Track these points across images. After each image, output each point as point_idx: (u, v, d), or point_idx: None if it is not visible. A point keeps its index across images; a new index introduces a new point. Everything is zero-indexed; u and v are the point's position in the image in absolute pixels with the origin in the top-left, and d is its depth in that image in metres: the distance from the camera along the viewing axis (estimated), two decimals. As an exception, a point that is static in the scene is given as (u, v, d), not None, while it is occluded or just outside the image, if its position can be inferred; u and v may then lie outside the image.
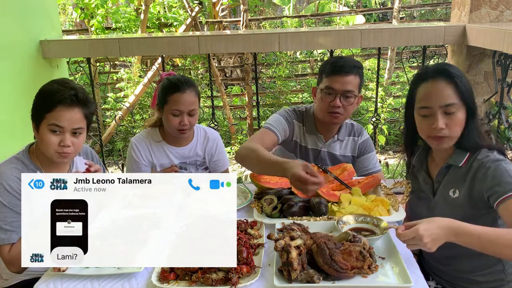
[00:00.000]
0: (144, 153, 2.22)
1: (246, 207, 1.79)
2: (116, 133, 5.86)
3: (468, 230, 1.32)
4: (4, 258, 1.61)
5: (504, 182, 1.43)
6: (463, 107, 1.53)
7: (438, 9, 11.39)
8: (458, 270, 1.65)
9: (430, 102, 1.54)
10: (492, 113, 2.93)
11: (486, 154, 1.52)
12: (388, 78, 7.30)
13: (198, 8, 6.02)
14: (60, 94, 1.62)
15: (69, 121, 1.64)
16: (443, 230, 1.31)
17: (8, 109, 2.57)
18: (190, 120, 2.12)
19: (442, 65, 1.63)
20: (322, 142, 2.18)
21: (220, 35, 3.02)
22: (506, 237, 1.32)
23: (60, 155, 1.66)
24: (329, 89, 2.02)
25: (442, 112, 1.52)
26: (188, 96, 2.09)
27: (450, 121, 1.52)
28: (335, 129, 2.19)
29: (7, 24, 2.62)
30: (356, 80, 2.03)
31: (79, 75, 6.03)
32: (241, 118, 6.64)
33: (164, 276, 1.28)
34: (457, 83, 1.51)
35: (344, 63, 2.02)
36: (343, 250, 1.30)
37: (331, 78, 2.02)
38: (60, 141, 1.64)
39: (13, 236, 1.61)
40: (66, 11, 9.32)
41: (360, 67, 2.07)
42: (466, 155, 1.57)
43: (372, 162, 2.23)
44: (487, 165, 1.49)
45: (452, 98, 1.51)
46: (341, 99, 2.01)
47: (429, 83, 1.55)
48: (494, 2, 2.85)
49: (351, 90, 2.01)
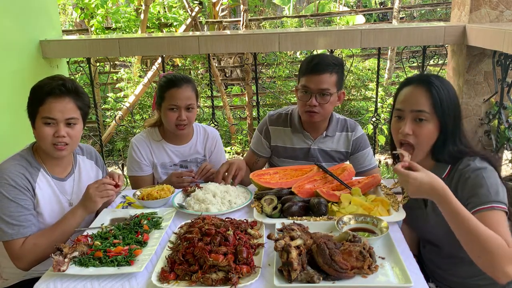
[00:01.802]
0: (144, 153, 2.22)
1: (246, 207, 1.79)
2: (116, 133, 5.86)
3: (452, 203, 1.34)
4: (14, 253, 1.62)
5: (481, 193, 1.42)
6: (435, 118, 1.52)
7: (438, 9, 11.40)
8: (458, 275, 1.65)
9: (403, 105, 1.56)
10: (492, 113, 2.93)
11: (467, 163, 1.51)
12: (388, 78, 7.30)
13: (198, 8, 6.01)
14: (47, 86, 1.67)
15: (61, 112, 1.67)
16: (431, 190, 1.36)
17: (8, 109, 2.57)
18: (188, 115, 2.12)
19: (427, 75, 1.66)
20: (311, 139, 2.20)
21: (220, 35, 3.02)
22: (483, 231, 1.30)
23: (55, 147, 1.68)
24: (305, 88, 2.06)
25: (412, 118, 1.53)
26: (185, 91, 2.11)
27: (419, 129, 1.53)
28: (322, 126, 2.20)
29: (7, 24, 2.62)
30: (331, 78, 2.04)
31: (79, 75, 6.04)
32: (241, 118, 6.64)
33: (164, 276, 1.28)
34: (433, 93, 1.52)
35: (318, 62, 2.04)
36: (343, 250, 1.29)
37: (306, 77, 2.05)
38: (54, 132, 1.67)
39: (22, 231, 1.61)
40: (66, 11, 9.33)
41: (338, 64, 2.07)
42: (447, 168, 1.57)
43: (367, 158, 2.23)
44: (466, 175, 1.49)
45: (424, 106, 1.52)
46: (317, 97, 2.04)
47: (409, 88, 1.58)
48: (494, 2, 2.85)
49: (325, 88, 2.03)
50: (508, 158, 3.24)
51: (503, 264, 1.28)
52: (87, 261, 1.38)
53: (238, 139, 6.17)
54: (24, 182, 1.66)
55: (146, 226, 1.61)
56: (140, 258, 1.40)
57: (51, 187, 1.76)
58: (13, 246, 1.61)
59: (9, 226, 1.60)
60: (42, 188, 1.73)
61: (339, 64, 2.08)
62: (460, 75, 3.00)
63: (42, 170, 1.74)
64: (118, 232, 1.55)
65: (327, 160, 2.21)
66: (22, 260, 1.62)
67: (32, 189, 1.69)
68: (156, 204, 1.83)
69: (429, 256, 1.75)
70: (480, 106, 2.98)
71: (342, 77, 2.12)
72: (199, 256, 1.30)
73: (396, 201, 1.71)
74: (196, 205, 1.77)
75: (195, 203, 1.79)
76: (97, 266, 1.37)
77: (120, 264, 1.37)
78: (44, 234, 1.65)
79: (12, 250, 1.62)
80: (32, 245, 1.61)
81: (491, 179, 1.45)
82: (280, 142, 2.24)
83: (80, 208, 1.70)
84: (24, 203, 1.64)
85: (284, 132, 2.24)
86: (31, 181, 1.69)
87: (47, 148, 1.70)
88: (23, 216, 1.63)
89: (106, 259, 1.39)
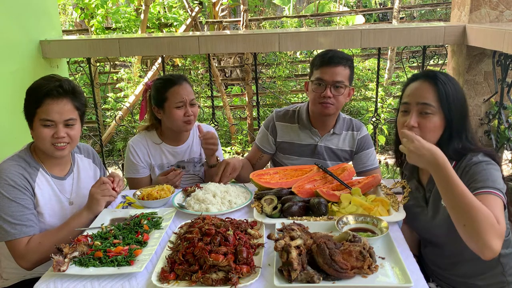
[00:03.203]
0: (142, 155, 2.22)
1: (246, 207, 1.79)
2: (116, 133, 5.86)
3: (448, 171, 1.36)
4: (18, 252, 1.62)
5: (479, 179, 1.43)
6: (441, 113, 1.54)
7: (438, 9, 11.39)
8: (458, 275, 1.65)
9: (409, 99, 1.58)
10: (492, 113, 2.93)
11: (469, 158, 1.53)
12: (388, 78, 7.29)
13: (198, 8, 6.02)
14: (45, 87, 1.65)
15: (59, 114, 1.66)
16: (431, 156, 1.39)
17: (8, 109, 2.57)
18: (193, 110, 2.16)
19: (433, 70, 1.66)
20: (318, 136, 2.22)
21: (220, 35, 3.02)
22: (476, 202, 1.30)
23: (55, 147, 1.69)
24: (320, 80, 2.08)
25: (417, 111, 1.55)
26: (186, 87, 2.15)
27: (424, 122, 1.54)
28: (330, 123, 2.22)
29: (7, 24, 2.62)
30: (345, 71, 2.08)
31: (79, 75, 6.04)
32: (241, 118, 6.64)
33: (164, 276, 1.28)
34: (439, 87, 1.53)
35: (333, 55, 2.09)
36: (343, 250, 1.29)
37: (321, 69, 2.08)
38: (53, 133, 1.67)
39: (24, 230, 1.62)
40: (66, 11, 9.32)
41: (349, 59, 2.12)
42: (452, 164, 1.55)
43: (370, 158, 2.25)
44: (466, 169, 1.50)
45: (429, 99, 1.53)
46: (331, 89, 2.07)
47: (415, 83, 1.60)
48: (494, 2, 2.85)
49: (340, 80, 2.06)
50: (508, 158, 3.24)
51: (489, 237, 1.26)
52: (87, 261, 1.38)
53: (238, 139, 6.17)
54: (23, 182, 1.66)
55: (146, 226, 1.61)
56: (140, 258, 1.40)
57: (51, 186, 1.77)
58: (17, 246, 1.61)
59: (11, 226, 1.60)
60: (42, 188, 1.73)
61: (350, 59, 2.13)
62: (460, 75, 3.00)
63: (41, 170, 1.74)
64: (118, 232, 1.55)
65: (332, 158, 2.23)
66: (26, 259, 1.62)
67: (31, 189, 1.69)
68: (156, 204, 1.83)
69: (430, 256, 1.75)
70: (480, 106, 2.98)
71: (353, 73, 2.17)
72: (199, 256, 1.30)
73: (396, 201, 1.71)
74: (196, 205, 1.77)
75: (195, 203, 1.79)
76: (97, 266, 1.37)
77: (120, 264, 1.37)
78: (49, 234, 1.65)
79: (16, 249, 1.62)
80: (37, 244, 1.61)
81: (492, 170, 1.46)
82: (287, 138, 2.26)
83: (85, 209, 1.72)
84: (25, 202, 1.65)
85: (291, 129, 2.26)
86: (30, 181, 1.69)
87: (47, 148, 1.70)
88: (24, 215, 1.63)
89: (106, 259, 1.39)
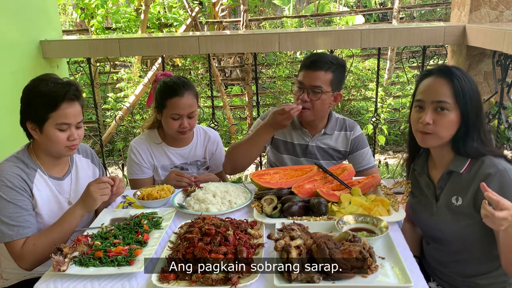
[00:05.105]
0: (145, 155, 2.21)
1: (246, 207, 1.79)
2: (116, 133, 5.86)
3: None
4: (15, 254, 1.62)
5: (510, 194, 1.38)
6: (457, 109, 1.52)
7: (438, 9, 11.39)
8: (461, 273, 1.65)
9: (424, 96, 1.55)
10: (492, 113, 2.93)
11: (491, 162, 1.49)
12: (388, 78, 7.30)
13: (198, 8, 6.01)
14: (64, 92, 1.66)
15: (74, 117, 1.70)
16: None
17: (8, 109, 2.57)
18: (190, 122, 2.12)
19: (448, 66, 1.64)
20: (309, 136, 2.22)
21: (220, 35, 3.02)
22: None
23: (69, 148, 1.73)
24: (300, 83, 2.08)
25: (433, 108, 1.53)
26: (187, 99, 2.09)
27: (439, 118, 1.52)
28: (320, 124, 2.21)
29: (7, 24, 2.62)
30: (326, 76, 2.04)
31: (79, 75, 6.03)
32: (241, 118, 6.64)
33: (164, 276, 1.28)
34: (455, 83, 1.51)
35: (315, 59, 2.05)
36: (343, 250, 1.29)
37: (303, 72, 2.08)
38: (68, 136, 1.69)
39: (21, 231, 1.61)
40: (66, 11, 9.32)
41: (336, 64, 2.07)
42: (467, 162, 1.55)
43: (366, 158, 2.24)
44: (495, 178, 1.46)
45: (445, 96, 1.51)
46: (309, 93, 2.04)
47: (429, 79, 1.57)
48: (494, 2, 2.85)
49: (318, 85, 2.03)
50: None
51: None
52: (87, 261, 1.38)
53: (238, 139, 6.17)
54: (21, 183, 1.66)
55: (146, 226, 1.60)
56: (140, 258, 1.40)
57: (49, 187, 1.76)
58: (14, 247, 1.61)
59: (9, 227, 1.60)
60: (40, 188, 1.72)
61: (338, 64, 2.07)
62: (460, 75, 3.00)
63: (39, 171, 1.74)
64: (118, 232, 1.55)
65: (325, 158, 2.22)
66: (23, 260, 1.62)
67: (29, 190, 1.68)
68: (156, 204, 1.83)
69: (432, 254, 1.74)
70: (480, 106, 2.98)
71: (341, 78, 2.11)
72: (199, 256, 1.30)
73: (396, 201, 1.71)
74: (196, 205, 1.77)
75: (195, 203, 1.79)
76: (97, 266, 1.37)
77: (120, 264, 1.37)
78: (43, 234, 1.64)
79: (13, 251, 1.62)
80: (32, 245, 1.61)
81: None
82: (281, 135, 2.26)
83: (78, 206, 1.68)
84: (22, 203, 1.64)
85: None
86: (28, 182, 1.68)
87: (60, 151, 1.71)
88: (22, 217, 1.62)
89: (106, 259, 1.39)
